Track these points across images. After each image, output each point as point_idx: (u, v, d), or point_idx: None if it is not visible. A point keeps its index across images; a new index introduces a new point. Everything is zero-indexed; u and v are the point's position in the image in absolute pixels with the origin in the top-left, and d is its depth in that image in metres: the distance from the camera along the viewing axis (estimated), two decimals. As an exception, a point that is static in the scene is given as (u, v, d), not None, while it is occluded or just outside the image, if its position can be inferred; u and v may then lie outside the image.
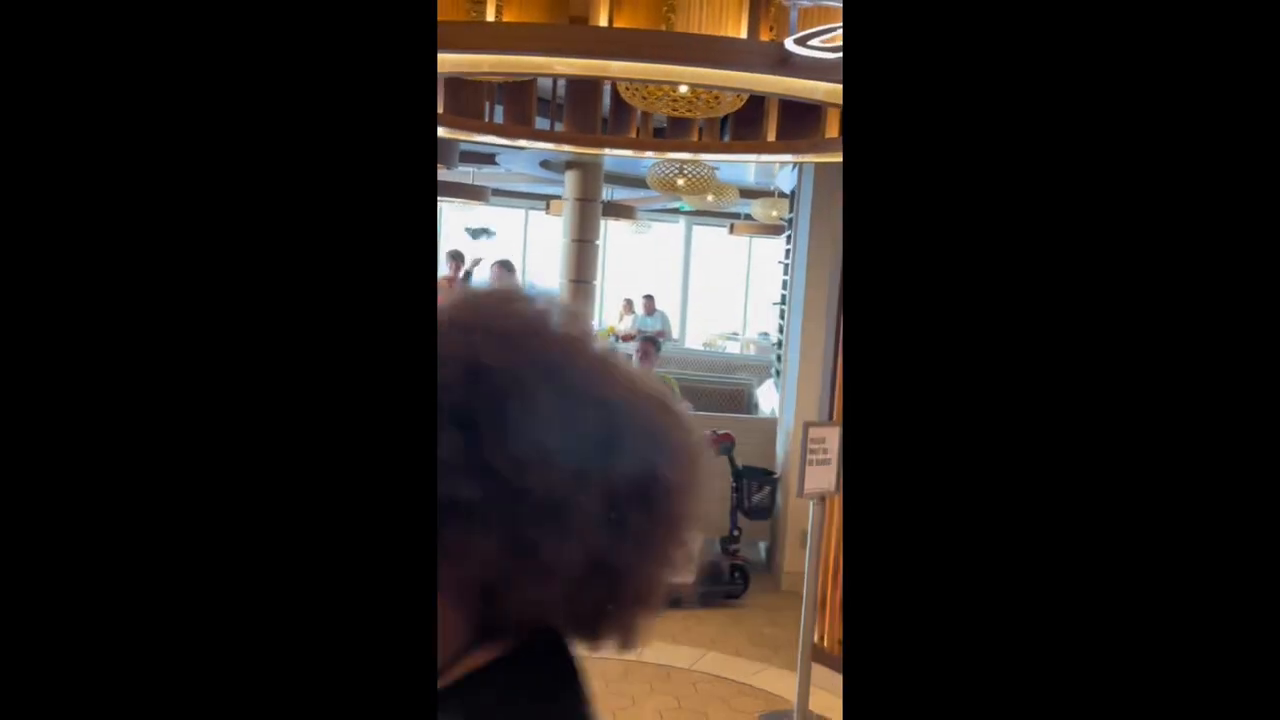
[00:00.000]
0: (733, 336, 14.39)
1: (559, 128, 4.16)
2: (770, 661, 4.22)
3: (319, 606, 1.20)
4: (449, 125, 3.68)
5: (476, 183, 9.90)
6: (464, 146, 8.18)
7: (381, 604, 1.25)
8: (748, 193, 9.95)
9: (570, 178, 8.56)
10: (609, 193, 11.56)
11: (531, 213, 14.32)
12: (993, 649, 1.13)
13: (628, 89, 3.58)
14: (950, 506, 1.17)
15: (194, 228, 1.18)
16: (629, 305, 13.63)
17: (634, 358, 6.44)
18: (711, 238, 15.93)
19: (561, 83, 4.22)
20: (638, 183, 10.01)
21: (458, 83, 3.63)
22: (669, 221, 15.87)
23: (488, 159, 8.89)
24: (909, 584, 1.18)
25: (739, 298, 16.43)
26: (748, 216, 11.92)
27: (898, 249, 1.23)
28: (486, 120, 3.98)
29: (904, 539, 1.20)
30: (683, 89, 3.44)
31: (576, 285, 8.65)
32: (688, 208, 12.20)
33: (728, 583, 4.85)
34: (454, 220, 12.47)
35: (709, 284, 16.55)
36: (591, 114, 4.03)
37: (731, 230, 14.18)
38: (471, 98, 3.79)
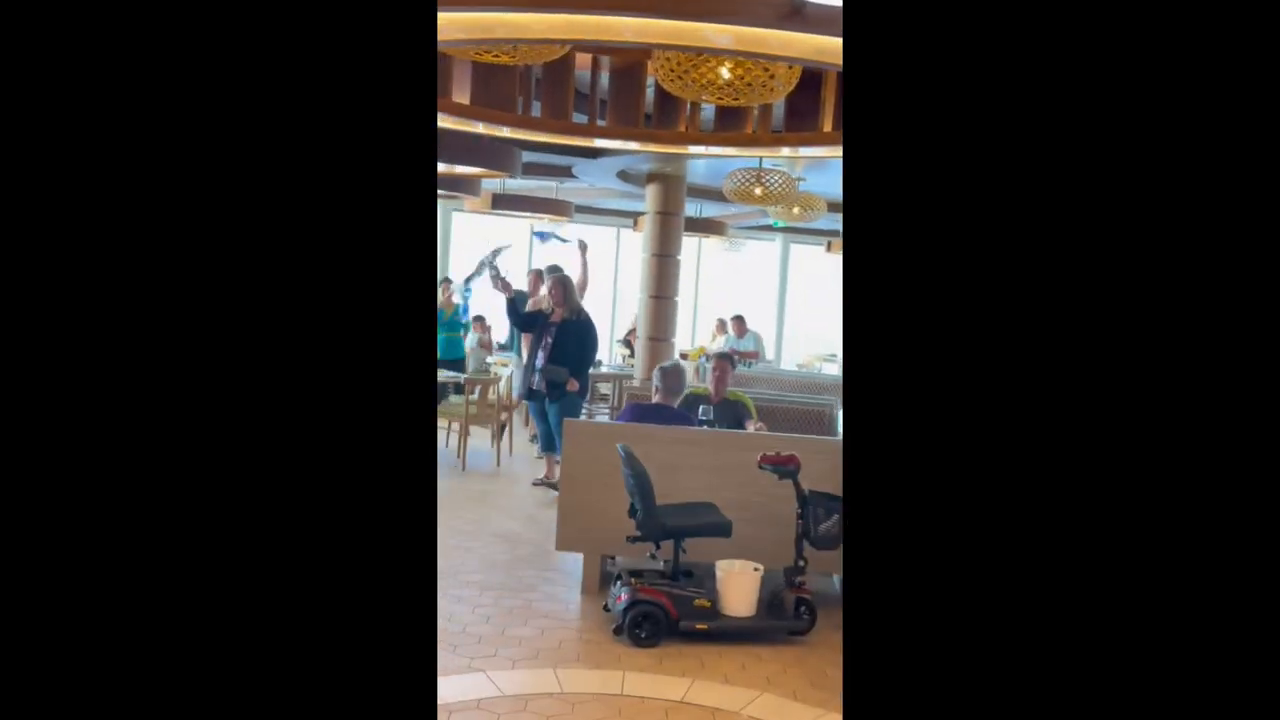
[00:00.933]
0: (830, 358, 13.91)
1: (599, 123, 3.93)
2: (829, 706, 3.82)
3: (320, 606, 1.34)
4: (478, 117, 3.47)
5: (560, 197, 9.76)
6: (536, 158, 8.02)
7: (382, 603, 1.36)
8: (838, 207, 9.53)
9: (651, 191, 8.32)
10: (698, 209, 11.28)
11: (622, 230, 14.14)
12: (992, 649, 1.23)
13: (668, 76, 3.31)
14: (950, 507, 1.25)
15: (194, 228, 1.31)
16: (722, 325, 13.31)
17: (709, 377, 6.14)
18: (809, 255, 15.47)
19: (604, 76, 3.97)
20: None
21: (489, 72, 3.41)
22: (765, 239, 15.48)
23: (564, 171, 8.72)
24: (909, 584, 1.26)
25: (838, 318, 15.92)
26: (845, 232, 11.45)
27: (898, 249, 1.30)
28: (521, 114, 3.75)
29: (904, 539, 1.28)
30: (724, 73, 3.14)
31: (657, 301, 8.38)
32: (779, 223, 11.81)
33: (791, 618, 4.46)
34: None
35: (807, 303, 16.09)
36: (634, 108, 3.77)
37: (829, 248, 13.72)
38: (504, 88, 3.57)
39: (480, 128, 3.79)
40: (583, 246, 6.86)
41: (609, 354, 12.86)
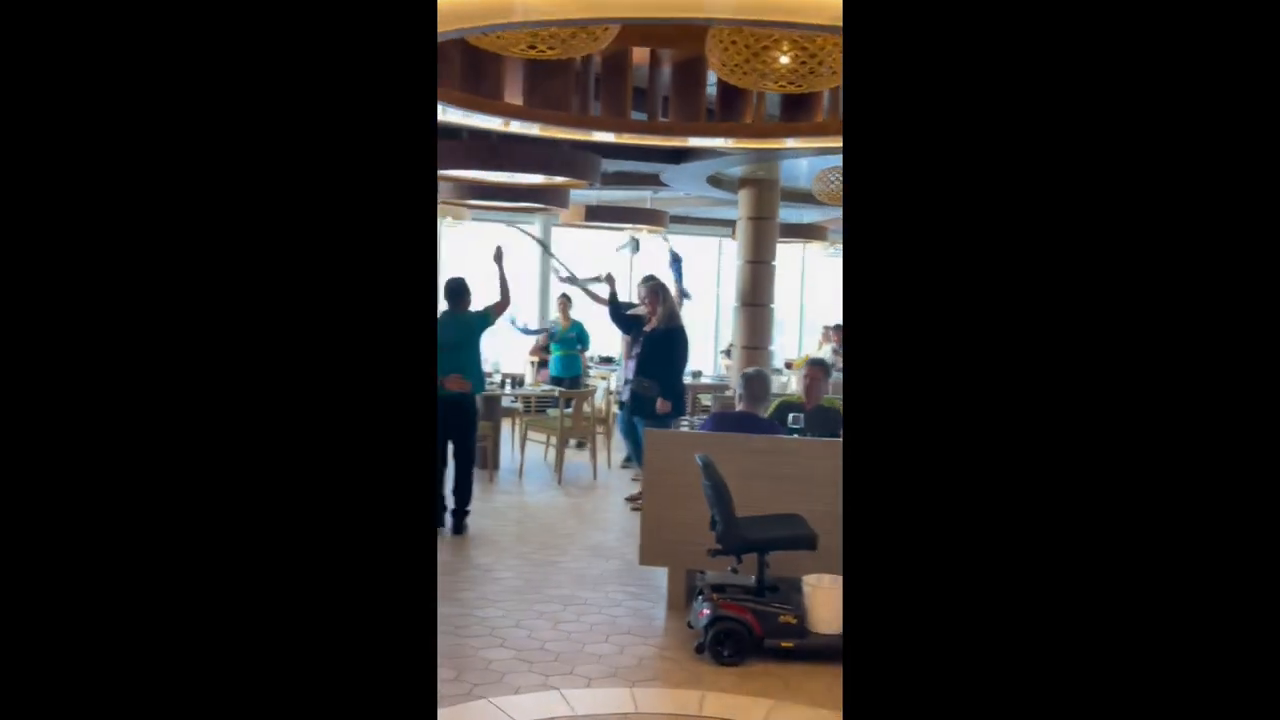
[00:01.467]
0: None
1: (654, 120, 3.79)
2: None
3: (320, 605, 1.37)
4: (529, 118, 3.38)
5: (655, 207, 9.67)
6: (622, 166, 7.94)
7: (382, 603, 1.39)
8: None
9: (743, 196, 8.14)
10: (798, 214, 11.03)
11: (724, 241, 13.96)
12: (991, 649, 1.25)
13: (726, 69, 3.15)
14: (950, 507, 1.28)
15: (194, 227, 1.33)
16: (827, 334, 13.01)
17: (803, 384, 5.92)
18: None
19: (665, 71, 3.84)
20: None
21: (541, 72, 3.33)
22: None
23: (654, 180, 8.61)
24: (909, 584, 1.29)
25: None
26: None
27: (899, 250, 1.32)
28: (581, 113, 3.65)
29: (904, 538, 1.31)
30: (783, 59, 2.97)
31: (752, 309, 8.19)
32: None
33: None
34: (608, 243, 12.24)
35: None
36: (696, 103, 3.63)
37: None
38: (557, 88, 3.47)
39: (536, 129, 3.71)
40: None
41: (713, 365, 12.67)
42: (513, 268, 6.28)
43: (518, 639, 4.32)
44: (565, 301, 9.25)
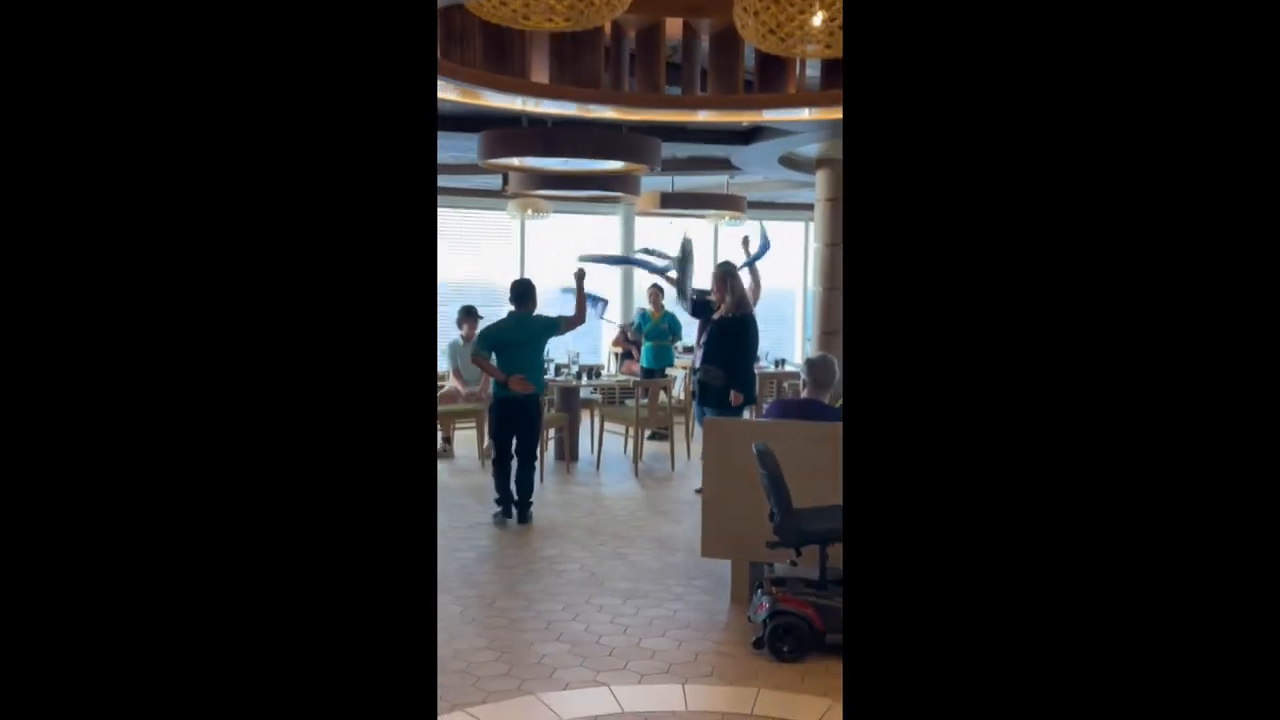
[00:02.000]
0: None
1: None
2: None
3: (321, 604, 1.37)
4: (559, 96, 3.27)
5: (732, 192, 9.47)
6: (693, 150, 7.77)
7: (383, 602, 1.39)
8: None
9: (819, 177, 7.89)
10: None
11: (810, 225, 13.64)
12: (991, 649, 1.28)
13: (759, 36, 2.99)
14: (950, 506, 1.29)
15: (194, 226, 1.34)
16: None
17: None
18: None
19: (704, 44, 3.68)
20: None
21: (569, 50, 3.21)
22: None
23: (724, 164, 8.42)
24: (908, 585, 1.30)
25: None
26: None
27: (899, 249, 1.33)
28: (611, 88, 3.52)
29: (904, 538, 1.31)
30: (815, 20, 2.79)
31: (830, 293, 7.94)
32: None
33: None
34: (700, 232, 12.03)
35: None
36: (734, 74, 3.46)
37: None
38: (586, 62, 3.35)
39: (573, 109, 3.60)
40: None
41: (800, 352, 12.41)
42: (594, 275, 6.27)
43: (574, 633, 4.24)
44: (657, 292, 9.14)
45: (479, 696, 3.58)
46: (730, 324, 6.10)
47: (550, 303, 9.53)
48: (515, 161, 5.39)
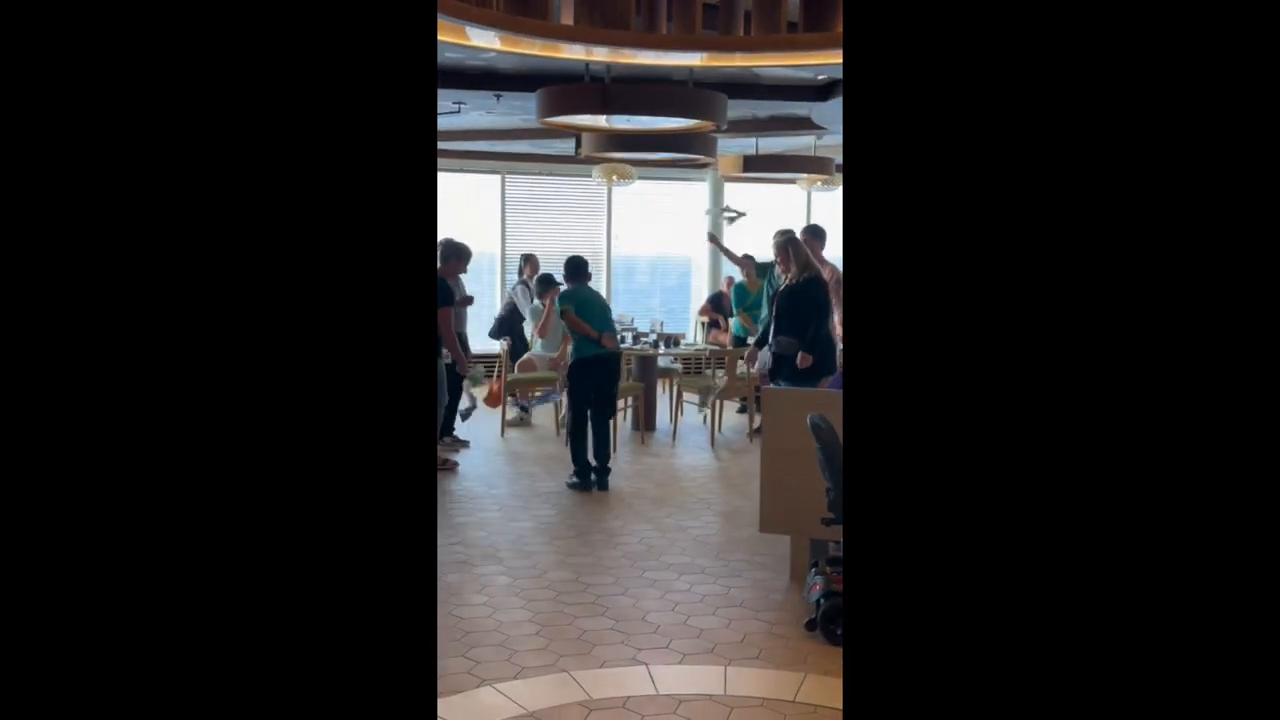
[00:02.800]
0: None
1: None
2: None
3: (321, 603, 1.38)
4: (588, 40, 3.06)
5: (821, 154, 9.09)
6: (773, 109, 7.45)
7: (383, 601, 1.40)
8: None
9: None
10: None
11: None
12: (991, 650, 1.32)
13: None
14: (950, 505, 1.34)
15: (193, 225, 1.36)
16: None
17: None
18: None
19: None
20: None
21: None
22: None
23: (805, 123, 8.05)
24: (908, 585, 1.36)
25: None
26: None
27: (899, 248, 1.38)
28: (648, 32, 3.29)
29: (904, 538, 1.37)
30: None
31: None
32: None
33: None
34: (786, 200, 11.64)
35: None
36: (777, 14, 3.19)
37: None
38: (616, 4, 3.13)
39: (598, 54, 3.38)
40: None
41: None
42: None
43: (620, 608, 4.08)
44: (751, 263, 8.90)
45: (511, 672, 3.46)
46: (797, 289, 5.81)
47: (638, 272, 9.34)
48: (575, 120, 5.21)
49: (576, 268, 6.41)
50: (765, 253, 7.20)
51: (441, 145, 9.72)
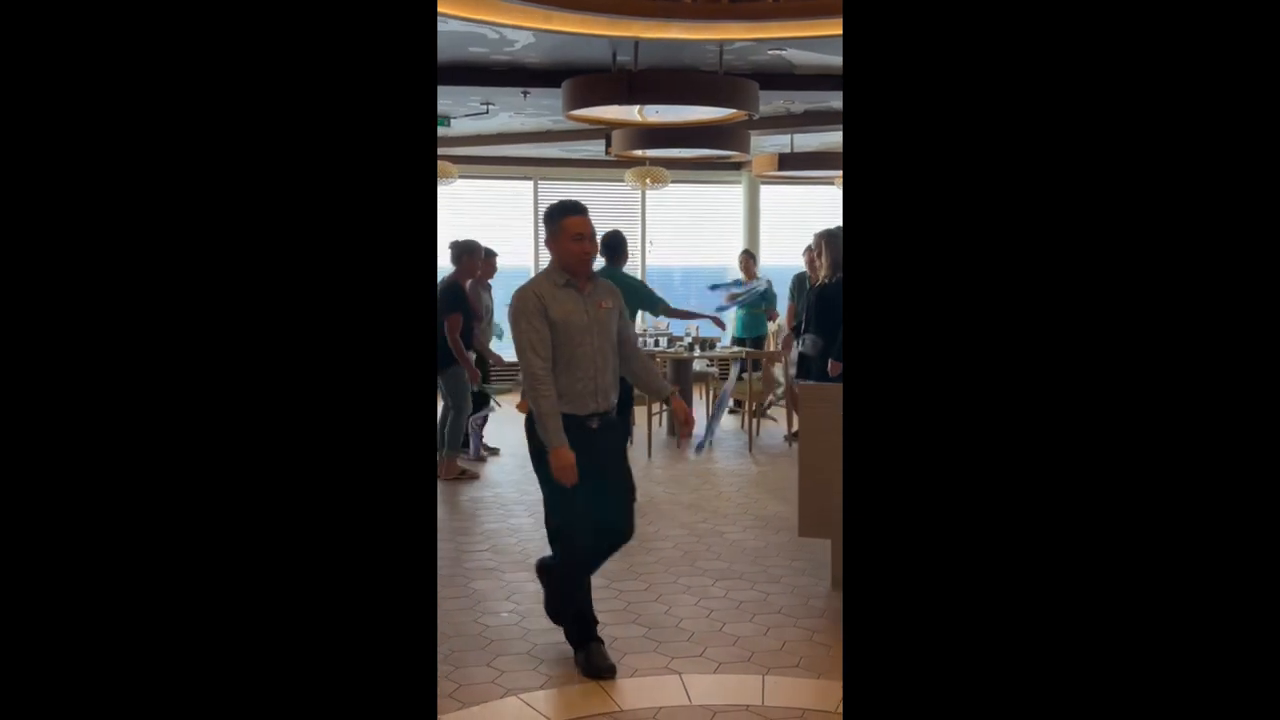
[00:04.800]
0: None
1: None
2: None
3: (320, 602, 1.41)
4: (613, 11, 2.90)
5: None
6: (809, 101, 7.25)
7: (383, 600, 1.43)
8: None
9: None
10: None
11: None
12: (991, 651, 1.33)
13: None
14: (950, 506, 1.35)
15: (193, 224, 1.36)
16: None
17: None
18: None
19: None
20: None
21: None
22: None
23: (840, 117, 7.84)
24: (908, 585, 1.38)
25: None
26: None
27: (900, 247, 1.39)
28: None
29: (904, 542, 1.38)
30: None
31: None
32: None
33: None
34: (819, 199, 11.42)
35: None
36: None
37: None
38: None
39: (625, 25, 3.21)
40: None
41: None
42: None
43: (653, 615, 3.92)
44: (749, 258, 8.74)
45: (538, 681, 3.30)
46: (828, 290, 5.59)
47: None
48: (603, 113, 5.08)
49: (615, 246, 5.93)
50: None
51: (471, 151, 9.65)
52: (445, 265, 6.61)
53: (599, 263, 6.02)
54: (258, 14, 1.36)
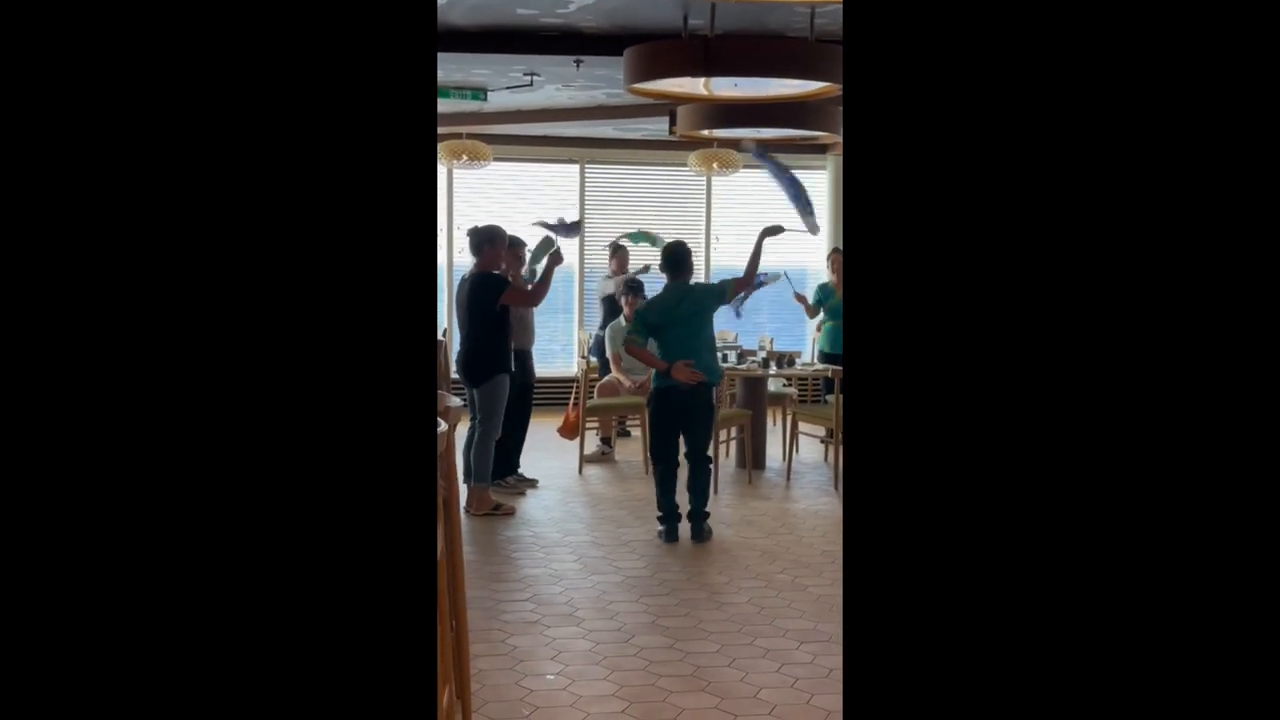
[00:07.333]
0: None
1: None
2: None
3: (320, 602, 1.50)
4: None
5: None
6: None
7: (383, 600, 1.52)
8: None
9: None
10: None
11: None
12: (991, 651, 1.45)
13: None
14: (950, 505, 1.48)
15: (193, 223, 1.47)
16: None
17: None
18: None
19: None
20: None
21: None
22: None
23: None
24: (908, 585, 1.49)
25: None
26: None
27: (900, 246, 1.51)
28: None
29: (903, 539, 1.50)
30: None
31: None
32: None
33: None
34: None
35: None
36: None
37: None
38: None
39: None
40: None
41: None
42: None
43: (726, 683, 3.90)
44: (841, 258, 8.69)
45: (592, 759, 3.30)
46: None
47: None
48: (670, 86, 5.09)
49: (677, 260, 6.05)
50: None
51: (509, 129, 9.74)
52: (464, 260, 6.71)
53: (660, 279, 6.12)
54: (251, 9, 1.47)
